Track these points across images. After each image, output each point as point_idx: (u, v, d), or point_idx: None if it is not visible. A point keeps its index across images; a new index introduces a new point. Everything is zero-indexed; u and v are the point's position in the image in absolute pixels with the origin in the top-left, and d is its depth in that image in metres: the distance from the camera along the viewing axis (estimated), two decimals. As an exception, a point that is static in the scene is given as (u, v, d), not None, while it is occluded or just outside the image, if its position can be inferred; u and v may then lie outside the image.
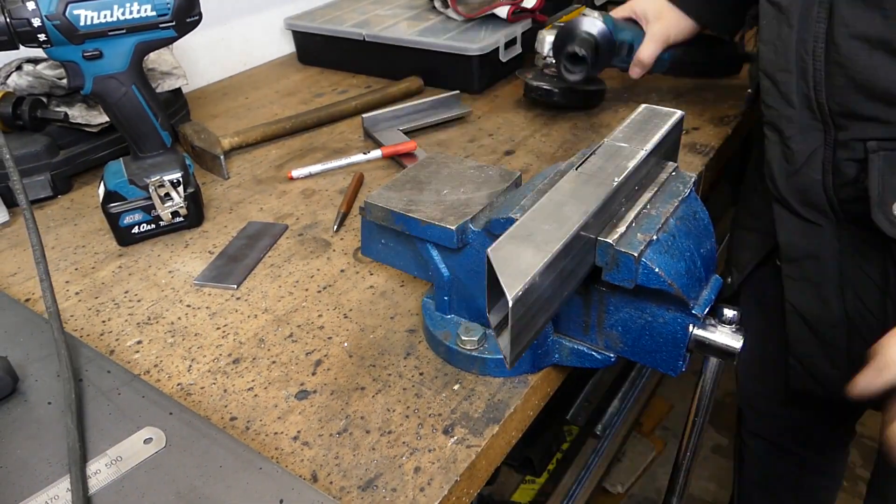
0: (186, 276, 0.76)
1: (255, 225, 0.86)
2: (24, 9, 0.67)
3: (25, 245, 0.84)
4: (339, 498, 0.50)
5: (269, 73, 1.39)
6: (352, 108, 1.15)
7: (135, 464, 0.49)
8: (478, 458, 0.54)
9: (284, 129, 1.09)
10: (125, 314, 0.71)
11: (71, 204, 0.93)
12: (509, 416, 0.57)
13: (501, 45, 1.22)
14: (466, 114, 1.12)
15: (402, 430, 0.56)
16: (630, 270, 0.49)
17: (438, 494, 0.51)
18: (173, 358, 0.65)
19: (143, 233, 0.82)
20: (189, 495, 0.47)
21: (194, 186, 0.84)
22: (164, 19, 0.75)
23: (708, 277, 0.57)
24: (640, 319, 0.54)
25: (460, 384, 0.60)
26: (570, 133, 1.06)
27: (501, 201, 0.60)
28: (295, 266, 0.78)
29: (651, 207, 0.54)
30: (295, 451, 0.54)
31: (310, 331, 0.68)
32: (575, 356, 0.59)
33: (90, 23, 0.71)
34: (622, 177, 0.53)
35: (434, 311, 0.64)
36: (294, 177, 0.96)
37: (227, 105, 1.24)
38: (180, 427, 0.52)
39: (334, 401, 0.59)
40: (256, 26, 1.41)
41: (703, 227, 0.57)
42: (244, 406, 0.59)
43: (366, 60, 1.31)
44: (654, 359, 0.55)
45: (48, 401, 0.55)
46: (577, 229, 0.47)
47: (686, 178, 0.59)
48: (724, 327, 0.53)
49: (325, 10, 1.43)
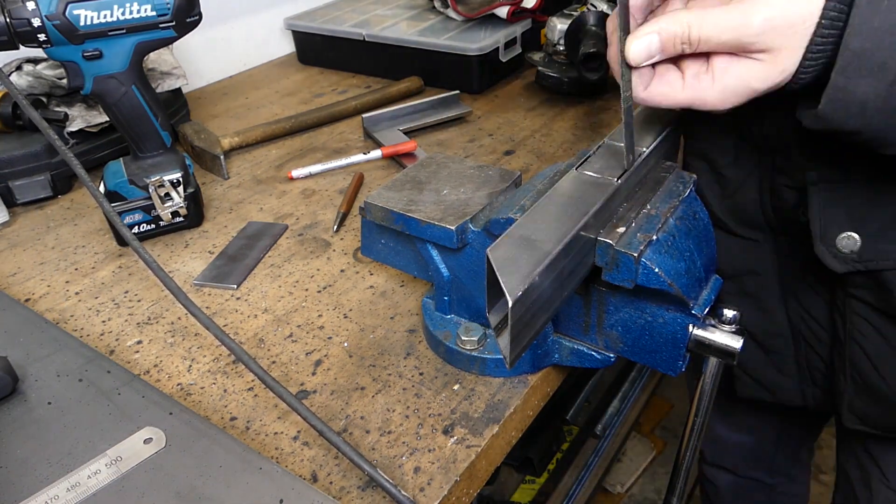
0: (186, 276, 0.76)
1: (255, 225, 0.86)
2: (24, 9, 0.67)
3: (25, 245, 0.84)
4: (339, 498, 0.50)
5: (269, 73, 1.39)
6: (352, 108, 1.15)
7: (135, 464, 0.49)
8: (478, 458, 0.54)
9: (284, 129, 1.09)
10: (125, 314, 0.71)
11: (71, 204, 0.93)
12: (509, 416, 0.57)
13: (501, 45, 1.22)
14: (466, 114, 1.12)
15: (401, 430, 0.56)
16: (630, 270, 0.49)
17: (438, 494, 0.51)
18: (173, 358, 0.65)
19: (143, 233, 0.82)
20: (189, 495, 0.47)
21: (194, 186, 0.84)
22: (164, 19, 0.75)
23: (708, 277, 0.57)
24: (640, 319, 0.54)
25: (460, 384, 0.60)
26: (570, 133, 1.06)
27: (501, 201, 0.60)
28: (295, 266, 0.78)
29: (651, 207, 0.54)
30: (295, 451, 0.54)
31: (310, 331, 0.68)
32: (575, 356, 0.59)
33: (90, 23, 0.71)
34: (622, 177, 0.53)
35: (434, 311, 0.64)
36: (294, 177, 0.96)
37: (227, 105, 1.24)
38: (180, 427, 0.52)
39: (334, 401, 0.59)
40: (256, 26, 1.41)
41: (703, 227, 0.57)
42: (244, 406, 0.59)
43: (366, 60, 1.31)
44: (654, 359, 0.55)
45: (48, 401, 0.55)
46: (577, 229, 0.47)
47: (686, 178, 0.59)
48: (724, 327, 0.53)
49: (325, 10, 1.43)
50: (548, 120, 1.11)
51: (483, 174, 0.64)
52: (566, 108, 1.14)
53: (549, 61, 1.17)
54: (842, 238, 0.59)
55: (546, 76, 1.16)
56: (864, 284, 0.62)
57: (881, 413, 0.66)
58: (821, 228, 0.60)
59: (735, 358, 0.53)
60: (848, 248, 0.59)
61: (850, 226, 0.59)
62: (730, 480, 1.12)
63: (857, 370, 0.65)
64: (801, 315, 0.72)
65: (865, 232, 0.58)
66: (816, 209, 0.60)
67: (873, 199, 0.58)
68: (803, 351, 0.73)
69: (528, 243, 0.46)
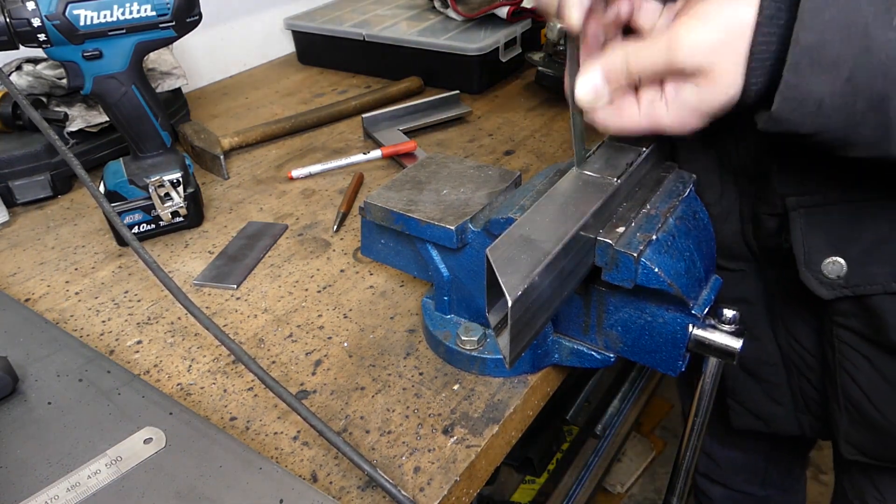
0: (186, 276, 0.76)
1: (254, 225, 0.86)
2: (24, 9, 0.67)
3: (25, 245, 0.84)
4: (339, 498, 0.50)
5: (269, 73, 1.39)
6: (352, 108, 1.15)
7: (135, 464, 0.49)
8: (477, 458, 0.54)
9: (284, 129, 1.09)
10: (125, 314, 0.71)
11: (71, 204, 0.93)
12: (509, 416, 0.57)
13: (501, 45, 1.22)
14: (466, 114, 1.12)
15: (401, 430, 0.56)
16: (629, 270, 0.49)
17: (438, 494, 0.51)
18: (173, 358, 0.65)
19: (143, 233, 0.82)
20: (189, 495, 0.47)
21: (194, 186, 0.84)
22: (163, 19, 0.75)
23: (707, 277, 0.57)
24: (640, 319, 0.54)
25: (460, 384, 0.60)
26: (570, 133, 1.06)
27: (501, 201, 0.60)
28: (295, 266, 0.78)
29: (651, 207, 0.54)
30: (295, 451, 0.54)
31: (310, 331, 0.68)
32: (575, 356, 0.59)
33: (90, 23, 0.71)
34: (622, 177, 0.53)
35: (434, 311, 0.64)
36: (294, 177, 0.96)
37: (227, 105, 1.24)
38: (180, 427, 0.52)
39: (334, 401, 0.59)
40: (256, 26, 1.41)
41: (703, 227, 0.57)
42: (244, 406, 0.59)
43: (366, 60, 1.31)
44: (654, 359, 0.55)
45: (48, 401, 0.55)
46: (576, 229, 0.47)
47: (686, 178, 0.59)
48: (724, 327, 0.53)
49: (325, 10, 1.43)
50: (548, 120, 1.11)
51: (483, 174, 0.64)
52: (566, 108, 1.13)
53: (549, 61, 1.17)
54: (827, 263, 0.58)
55: (546, 76, 1.16)
56: (851, 312, 0.60)
57: (876, 444, 0.65)
58: (804, 254, 0.59)
59: (735, 358, 0.53)
60: (834, 272, 0.58)
61: (833, 250, 0.58)
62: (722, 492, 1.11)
63: (850, 400, 0.64)
64: (791, 343, 0.70)
65: (850, 255, 0.57)
66: (798, 235, 0.59)
67: (854, 222, 0.57)
68: (795, 379, 0.72)
69: (527, 243, 0.46)
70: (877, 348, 0.60)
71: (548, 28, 1.17)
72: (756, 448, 1.03)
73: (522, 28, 1.26)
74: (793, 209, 0.59)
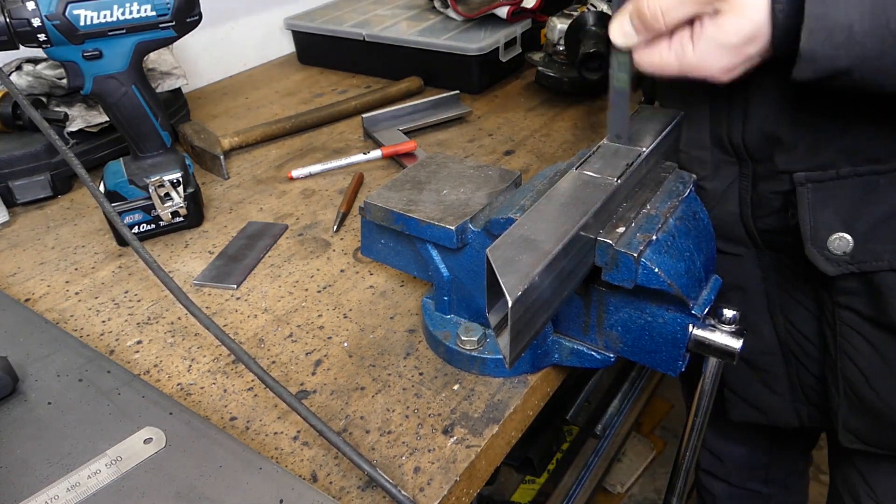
0: (186, 276, 0.76)
1: (254, 225, 0.86)
2: (24, 9, 0.67)
3: (25, 245, 0.84)
4: (339, 498, 0.50)
5: (269, 73, 1.39)
6: (352, 108, 1.15)
7: (135, 464, 0.49)
8: (477, 458, 0.54)
9: (284, 129, 1.09)
10: (125, 314, 0.71)
11: (71, 204, 0.93)
12: (509, 416, 0.57)
13: (501, 45, 1.22)
14: (466, 114, 1.12)
15: (401, 430, 0.56)
16: (630, 270, 0.49)
17: (438, 494, 0.51)
18: (173, 358, 0.65)
19: (143, 233, 0.82)
20: (189, 495, 0.47)
21: (194, 186, 0.84)
22: (163, 19, 0.75)
23: (707, 277, 0.57)
24: (640, 319, 0.54)
25: (460, 384, 0.60)
26: (570, 133, 1.06)
27: (501, 201, 0.60)
28: (295, 266, 0.78)
29: (651, 207, 0.54)
30: (295, 451, 0.54)
31: (310, 331, 0.68)
32: (575, 356, 0.59)
33: (90, 23, 0.71)
34: (622, 177, 0.53)
35: (434, 311, 0.64)
36: (294, 177, 0.96)
37: (227, 105, 1.24)
38: (180, 427, 0.52)
39: (334, 401, 0.59)
40: (256, 26, 1.41)
41: (703, 227, 0.57)
42: (244, 406, 0.59)
43: (366, 60, 1.31)
44: (654, 359, 0.55)
45: (48, 401, 0.55)
46: (576, 229, 0.47)
47: (686, 178, 0.59)
48: (724, 327, 0.53)
49: (325, 10, 1.43)
50: (548, 120, 1.11)
51: (483, 174, 0.64)
52: (566, 108, 1.14)
53: (549, 61, 1.17)
54: (833, 239, 0.58)
55: (546, 76, 1.16)
56: (854, 290, 0.60)
57: (874, 429, 0.65)
58: (811, 230, 0.59)
59: (735, 358, 0.53)
60: (840, 249, 0.58)
61: (840, 226, 0.58)
62: (724, 489, 1.11)
63: (850, 385, 0.64)
64: (789, 330, 0.70)
65: (857, 232, 0.57)
66: (806, 210, 0.59)
67: (863, 196, 0.57)
68: (794, 368, 0.72)
69: (527, 243, 0.46)
70: (878, 329, 0.61)
71: (548, 28, 1.17)
72: (758, 443, 1.03)
73: (522, 28, 1.26)
74: (801, 184, 0.59)
